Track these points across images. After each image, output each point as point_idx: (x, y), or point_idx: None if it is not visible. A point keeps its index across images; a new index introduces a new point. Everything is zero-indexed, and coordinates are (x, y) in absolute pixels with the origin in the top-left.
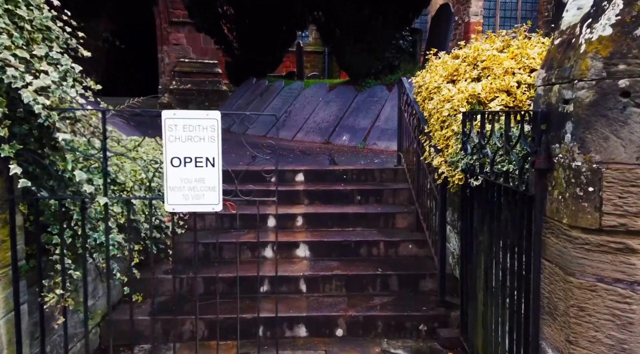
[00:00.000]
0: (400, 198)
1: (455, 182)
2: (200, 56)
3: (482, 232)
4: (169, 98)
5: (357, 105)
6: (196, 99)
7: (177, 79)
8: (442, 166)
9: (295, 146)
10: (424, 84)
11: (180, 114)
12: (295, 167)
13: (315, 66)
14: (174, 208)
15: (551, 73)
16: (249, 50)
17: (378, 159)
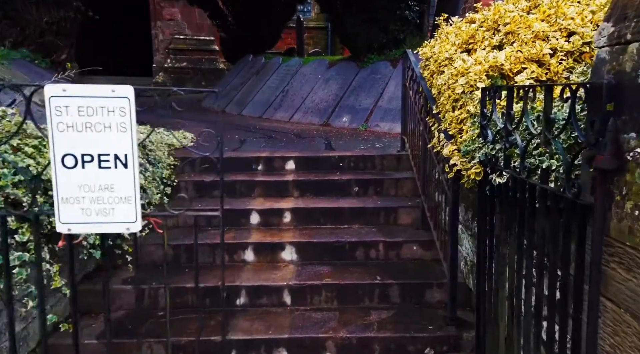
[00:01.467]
0: (404, 189)
1: (471, 177)
2: (196, 32)
3: (507, 244)
4: (164, 77)
5: (359, 83)
6: (192, 79)
7: (172, 56)
8: (455, 156)
9: (291, 129)
10: (433, 56)
11: (73, 90)
12: (286, 153)
13: (317, 43)
14: (70, 228)
15: (624, 26)
16: (245, 25)
17: (380, 143)
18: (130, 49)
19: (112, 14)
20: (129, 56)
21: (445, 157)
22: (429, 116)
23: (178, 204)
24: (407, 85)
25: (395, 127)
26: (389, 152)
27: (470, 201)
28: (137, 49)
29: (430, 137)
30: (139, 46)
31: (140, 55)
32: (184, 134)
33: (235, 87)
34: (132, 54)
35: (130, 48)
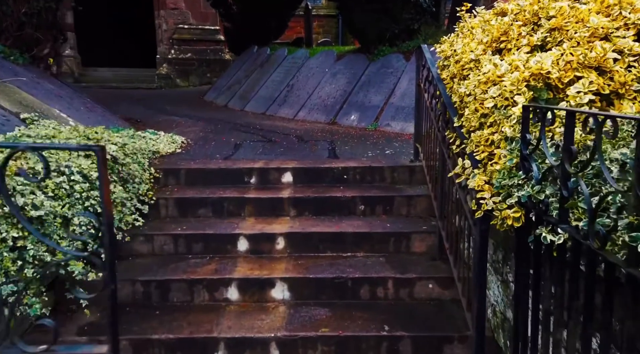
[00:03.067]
0: (418, 209)
1: (508, 222)
2: (201, 22)
3: (562, 324)
4: (168, 69)
5: (369, 77)
6: (197, 70)
7: (176, 47)
8: (485, 191)
9: (294, 128)
10: (453, 54)
11: None
12: (283, 163)
13: (328, 31)
14: None
15: None
16: (250, 14)
17: (390, 148)
18: (133, 40)
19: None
20: (132, 47)
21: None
22: (448, 129)
23: (155, 228)
24: (421, 86)
25: (408, 127)
26: (400, 161)
27: (501, 238)
28: (140, 40)
29: (448, 152)
30: (142, 37)
31: (144, 46)
32: (174, 138)
33: (239, 81)
34: (136, 45)
35: (134, 39)
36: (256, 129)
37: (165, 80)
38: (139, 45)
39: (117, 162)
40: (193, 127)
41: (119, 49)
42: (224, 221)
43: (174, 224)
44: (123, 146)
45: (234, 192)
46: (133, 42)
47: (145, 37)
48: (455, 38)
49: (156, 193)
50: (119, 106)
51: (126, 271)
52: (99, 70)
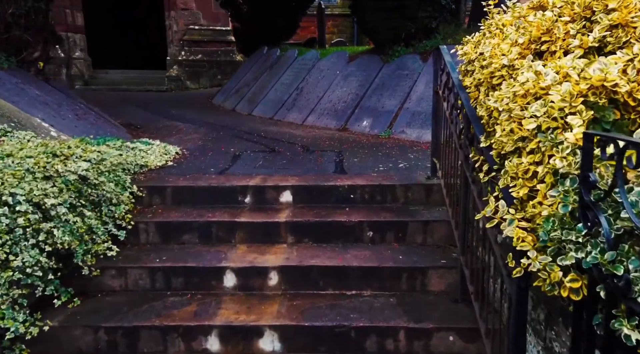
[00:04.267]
0: (435, 236)
1: (563, 293)
2: (212, 22)
3: None
4: (178, 71)
5: (382, 80)
6: (207, 72)
7: (186, 49)
8: (527, 244)
9: (301, 136)
10: (479, 57)
11: None
12: (283, 180)
13: (343, 31)
14: None
15: None
16: (260, 14)
17: (405, 160)
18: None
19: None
20: (143, 49)
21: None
22: (472, 148)
23: (131, 258)
24: (440, 94)
25: (424, 134)
26: (415, 178)
27: (542, 294)
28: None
29: (472, 175)
30: (153, 38)
31: (154, 48)
32: (167, 149)
33: (247, 83)
34: (147, 46)
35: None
36: (260, 137)
37: (175, 83)
38: (150, 47)
39: (86, 183)
40: (194, 134)
41: (129, 51)
42: (211, 249)
43: (153, 254)
44: (100, 162)
45: (224, 215)
46: (144, 44)
47: (155, 39)
48: (481, 38)
49: (137, 216)
50: (122, 110)
51: (90, 313)
52: (109, 73)
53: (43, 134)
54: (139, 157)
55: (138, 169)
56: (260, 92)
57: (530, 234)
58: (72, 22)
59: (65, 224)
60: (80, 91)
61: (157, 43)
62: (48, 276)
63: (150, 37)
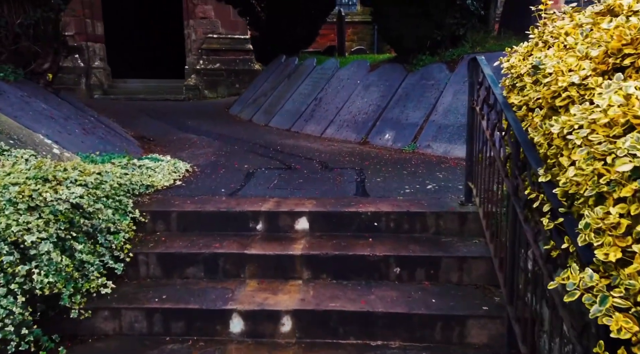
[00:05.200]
0: (473, 274)
1: None
2: (230, 31)
3: None
4: (196, 80)
5: (406, 90)
6: (226, 81)
7: (204, 57)
8: (630, 324)
9: (319, 150)
10: (532, 71)
11: None
12: (299, 203)
13: (363, 39)
14: None
15: None
16: (278, 23)
17: (433, 179)
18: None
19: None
20: (162, 58)
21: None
22: (523, 180)
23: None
24: (476, 110)
25: (453, 149)
26: (447, 203)
27: None
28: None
29: (525, 213)
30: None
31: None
32: (176, 166)
33: (265, 93)
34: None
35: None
36: (275, 152)
37: (193, 92)
38: (169, 56)
39: (80, 211)
40: (207, 147)
41: (148, 60)
42: (218, 285)
43: (153, 291)
44: (98, 185)
45: (233, 245)
46: (162, 53)
47: (174, 48)
48: (530, 48)
49: (137, 245)
50: (137, 121)
51: None
52: (128, 82)
53: (44, 151)
54: (145, 177)
55: (143, 190)
56: (277, 102)
57: (631, 318)
58: (92, 31)
59: (49, 263)
60: (98, 101)
61: (175, 52)
62: (21, 330)
63: (169, 46)
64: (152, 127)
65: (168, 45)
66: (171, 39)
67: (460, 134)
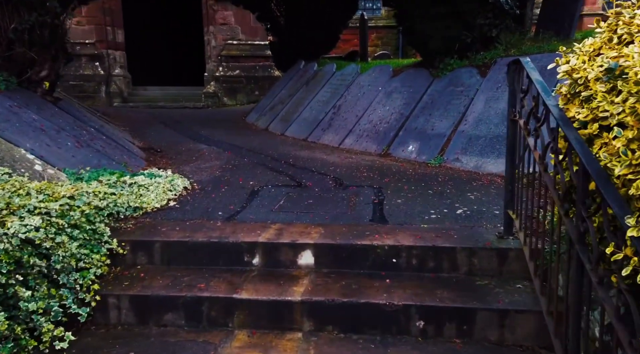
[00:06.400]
0: (518, 333)
1: None
2: (250, 37)
3: None
4: (215, 87)
5: (432, 98)
6: (245, 88)
7: (224, 64)
8: None
9: (335, 164)
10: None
11: None
12: (303, 232)
13: (387, 44)
14: None
15: None
16: (298, 27)
17: (463, 202)
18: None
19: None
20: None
21: None
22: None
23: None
24: (520, 124)
25: (485, 164)
26: (481, 236)
27: None
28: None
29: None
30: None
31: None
32: (173, 183)
33: (282, 100)
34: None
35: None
36: (287, 165)
37: (212, 99)
38: (189, 63)
39: (33, 248)
40: (215, 160)
41: (169, 67)
42: (199, 338)
43: (120, 344)
44: (65, 212)
45: (221, 286)
46: (182, 60)
47: (194, 55)
48: (599, 46)
49: (110, 283)
50: (149, 131)
51: None
52: (148, 89)
53: (23, 169)
54: (134, 197)
55: (130, 213)
56: (294, 110)
57: None
58: (113, 39)
59: None
60: (116, 109)
61: (195, 59)
62: None
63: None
64: (163, 136)
65: (188, 52)
66: (191, 46)
67: (494, 147)
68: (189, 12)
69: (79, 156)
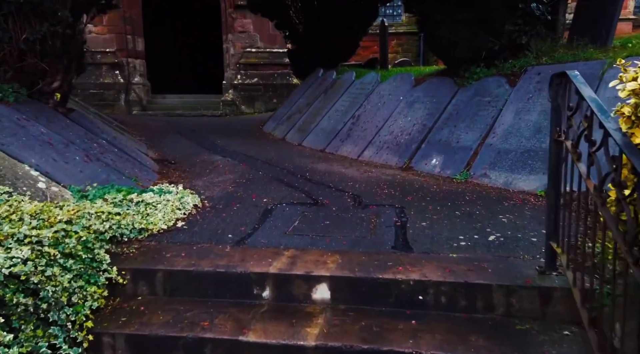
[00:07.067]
0: None
1: None
2: (269, 44)
3: None
4: (233, 95)
5: (457, 108)
6: (263, 96)
7: (242, 72)
8: None
9: (353, 179)
10: None
11: None
12: (318, 262)
13: (407, 50)
14: None
15: None
16: (317, 34)
17: (495, 226)
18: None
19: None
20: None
21: None
22: None
23: None
24: (567, 146)
25: (516, 181)
26: (519, 270)
27: None
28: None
29: None
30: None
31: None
32: (183, 201)
33: (300, 109)
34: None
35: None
36: (304, 179)
37: (230, 107)
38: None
39: (16, 285)
40: (229, 173)
41: (187, 75)
42: None
43: None
44: (61, 239)
45: (226, 325)
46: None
47: (213, 63)
48: None
49: (105, 319)
50: (165, 141)
51: None
52: (167, 97)
53: (25, 186)
54: (140, 217)
55: (135, 235)
56: (312, 119)
57: None
58: (133, 48)
59: None
60: (135, 117)
61: (214, 67)
62: None
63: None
64: (179, 147)
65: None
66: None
67: (525, 162)
68: (208, 20)
69: (87, 171)
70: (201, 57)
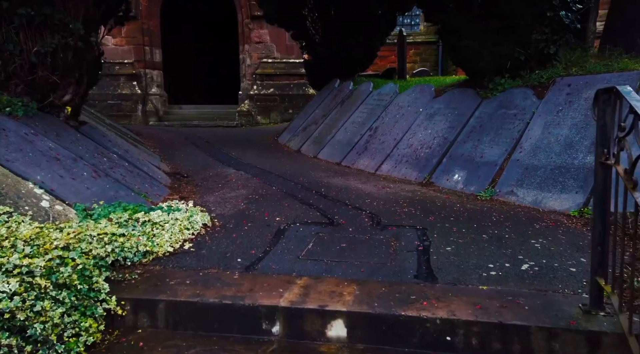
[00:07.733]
0: None
1: None
2: (286, 55)
3: None
4: (249, 106)
5: (480, 121)
6: (279, 106)
7: (258, 83)
8: None
9: (371, 195)
10: None
11: None
12: (334, 293)
13: (426, 60)
14: None
15: None
16: (334, 45)
17: (528, 252)
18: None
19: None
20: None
21: None
22: None
23: None
24: (619, 171)
25: (546, 200)
26: (559, 308)
27: None
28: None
29: None
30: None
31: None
32: (191, 220)
33: (316, 121)
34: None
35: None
36: (319, 196)
37: (245, 118)
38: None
39: (4, 321)
40: (242, 188)
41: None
42: None
43: None
44: (55, 268)
45: None
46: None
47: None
48: None
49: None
50: (179, 152)
51: None
52: (183, 108)
53: (28, 206)
54: (145, 239)
55: (139, 258)
56: (328, 131)
57: None
58: (151, 59)
59: None
60: (151, 128)
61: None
62: None
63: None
64: (192, 159)
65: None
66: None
67: (556, 179)
68: (225, 31)
69: (94, 188)
70: (218, 68)
